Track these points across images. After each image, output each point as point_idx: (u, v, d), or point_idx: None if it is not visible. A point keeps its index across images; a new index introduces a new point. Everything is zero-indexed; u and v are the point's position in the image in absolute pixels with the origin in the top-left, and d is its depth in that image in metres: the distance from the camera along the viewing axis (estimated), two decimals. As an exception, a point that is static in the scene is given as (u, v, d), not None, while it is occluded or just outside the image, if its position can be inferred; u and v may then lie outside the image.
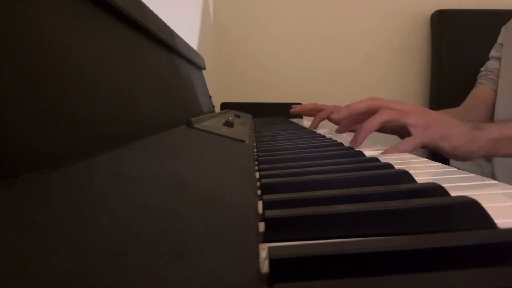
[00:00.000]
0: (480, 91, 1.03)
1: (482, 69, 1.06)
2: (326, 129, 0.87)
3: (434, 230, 0.19)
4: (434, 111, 0.58)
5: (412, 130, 0.53)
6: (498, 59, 1.01)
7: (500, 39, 1.03)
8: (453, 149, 0.53)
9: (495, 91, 0.99)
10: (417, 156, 0.46)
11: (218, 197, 0.21)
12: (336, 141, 0.57)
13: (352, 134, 0.60)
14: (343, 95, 1.72)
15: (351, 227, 0.19)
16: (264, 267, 0.15)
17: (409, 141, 0.52)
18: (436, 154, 0.57)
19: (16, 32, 0.19)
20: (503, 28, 1.03)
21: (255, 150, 0.49)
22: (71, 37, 0.25)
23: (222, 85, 1.74)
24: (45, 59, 0.21)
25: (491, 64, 1.03)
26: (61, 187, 0.16)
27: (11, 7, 0.19)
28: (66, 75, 0.23)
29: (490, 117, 0.99)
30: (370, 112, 0.56)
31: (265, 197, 0.24)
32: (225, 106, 1.37)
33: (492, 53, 1.04)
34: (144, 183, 0.19)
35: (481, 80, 1.04)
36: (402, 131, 0.58)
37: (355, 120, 0.64)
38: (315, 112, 0.96)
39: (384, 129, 0.60)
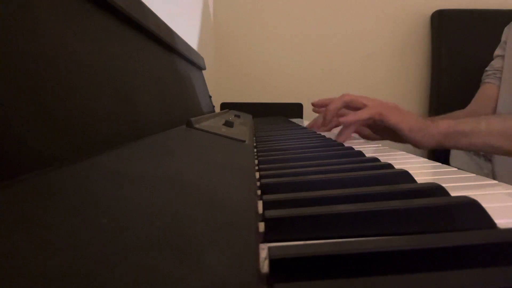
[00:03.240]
0: (487, 90, 1.03)
1: (487, 68, 1.06)
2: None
3: (434, 230, 0.19)
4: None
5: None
6: (503, 57, 1.01)
7: (503, 37, 1.03)
8: (410, 131, 0.62)
9: None
10: (417, 156, 0.46)
11: (218, 197, 0.21)
12: (336, 141, 0.57)
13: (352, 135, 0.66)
14: (343, 95, 1.72)
15: (351, 227, 0.19)
16: (264, 267, 0.15)
17: (370, 110, 0.63)
18: (436, 154, 0.60)
19: (16, 32, 0.19)
20: (506, 28, 1.03)
21: (255, 150, 0.49)
22: (71, 37, 0.25)
23: (222, 85, 1.74)
24: (45, 59, 0.21)
25: (496, 63, 1.03)
26: (61, 187, 0.16)
27: (11, 7, 0.19)
28: (66, 75, 0.23)
29: None
30: (347, 106, 0.69)
31: (265, 197, 0.24)
32: (225, 106, 1.37)
33: (497, 52, 1.04)
34: (144, 183, 0.19)
35: (488, 79, 1.04)
36: (389, 133, 0.67)
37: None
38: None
39: (373, 130, 0.70)
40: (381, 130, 0.68)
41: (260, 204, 0.23)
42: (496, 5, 1.65)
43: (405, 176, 0.29)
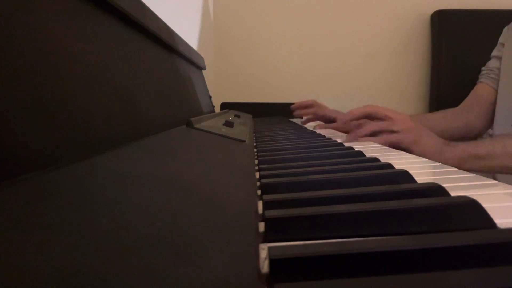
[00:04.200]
0: (480, 90, 1.03)
1: (483, 68, 1.06)
2: (326, 130, 0.87)
3: (434, 230, 0.19)
4: (416, 122, 0.69)
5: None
6: (499, 58, 1.01)
7: (501, 39, 1.03)
8: (422, 154, 0.62)
9: (496, 90, 0.99)
10: (417, 156, 0.46)
11: (218, 197, 0.21)
12: (336, 141, 0.57)
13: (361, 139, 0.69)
14: (343, 95, 1.72)
15: (351, 227, 0.19)
16: (264, 267, 0.15)
17: (385, 137, 0.64)
18: None
19: (16, 32, 0.19)
20: (505, 29, 1.03)
21: (255, 150, 0.49)
22: (71, 37, 0.25)
23: (222, 85, 1.74)
24: (45, 59, 0.21)
25: (492, 63, 1.03)
26: (61, 187, 0.16)
27: (11, 7, 0.19)
28: (66, 75, 0.23)
29: (490, 116, 0.99)
30: (367, 117, 0.70)
31: (265, 197, 0.24)
32: (225, 106, 1.37)
33: (494, 52, 1.04)
34: (144, 183, 0.19)
35: (482, 79, 1.04)
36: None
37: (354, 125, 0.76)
38: (313, 109, 1.02)
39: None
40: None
41: (260, 204, 0.23)
42: (496, 5, 1.65)
43: (405, 176, 0.29)
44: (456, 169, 0.36)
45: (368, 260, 0.14)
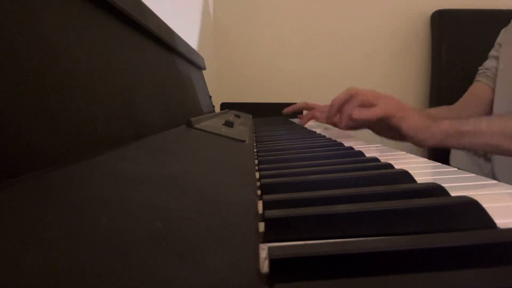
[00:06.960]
0: (477, 89, 1.04)
1: (480, 67, 1.06)
2: (327, 130, 0.87)
3: (434, 230, 0.19)
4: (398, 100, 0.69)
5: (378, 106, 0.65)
6: (496, 58, 1.01)
7: (499, 39, 1.03)
8: (411, 130, 0.63)
9: (493, 89, 1.00)
10: (417, 156, 0.46)
11: (218, 197, 0.21)
12: (336, 141, 0.57)
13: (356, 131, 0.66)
14: (343, 95, 1.72)
15: (351, 227, 0.19)
16: (264, 267, 0.15)
17: (374, 110, 0.63)
18: (436, 154, 0.61)
19: (16, 32, 0.19)
20: (503, 30, 1.03)
21: (255, 150, 0.49)
22: (71, 37, 0.25)
23: (222, 85, 1.74)
24: (45, 59, 0.21)
25: (489, 62, 1.04)
26: (61, 187, 0.16)
27: (11, 7, 0.19)
28: (66, 75, 0.23)
29: (487, 115, 0.99)
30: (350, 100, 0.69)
31: (265, 197, 0.24)
32: (225, 106, 1.37)
33: (491, 52, 1.05)
34: (144, 183, 0.19)
35: (479, 78, 1.05)
36: (391, 132, 0.68)
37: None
38: (306, 110, 1.04)
39: (375, 129, 0.71)
40: (383, 128, 0.68)
41: (260, 204, 0.23)
42: (496, 5, 1.65)
43: (405, 176, 0.29)
44: (456, 169, 0.36)
45: (368, 260, 0.14)
